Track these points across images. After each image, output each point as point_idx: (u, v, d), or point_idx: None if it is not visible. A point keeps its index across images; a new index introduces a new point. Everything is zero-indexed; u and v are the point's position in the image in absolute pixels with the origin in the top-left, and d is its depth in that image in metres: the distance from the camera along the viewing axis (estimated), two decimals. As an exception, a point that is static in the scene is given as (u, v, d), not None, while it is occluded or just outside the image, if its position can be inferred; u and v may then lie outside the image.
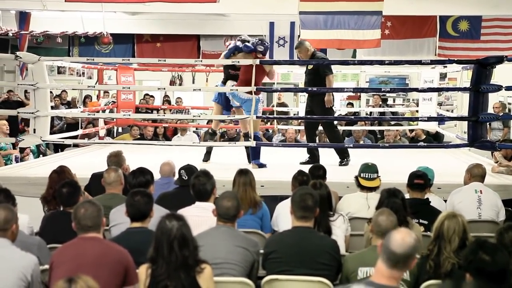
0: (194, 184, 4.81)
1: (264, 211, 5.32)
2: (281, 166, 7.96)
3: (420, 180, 5.45)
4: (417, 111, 12.09)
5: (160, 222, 3.52)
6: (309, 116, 8.25)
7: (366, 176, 5.65)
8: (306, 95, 9.62)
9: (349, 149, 8.31)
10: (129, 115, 8.89)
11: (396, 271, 3.09)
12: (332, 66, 8.26)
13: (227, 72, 8.37)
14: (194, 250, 3.47)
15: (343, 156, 8.24)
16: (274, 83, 12.66)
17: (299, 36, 10.01)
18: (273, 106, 12.71)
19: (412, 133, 11.79)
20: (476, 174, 6.02)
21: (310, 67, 8.25)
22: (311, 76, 8.25)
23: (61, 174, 5.60)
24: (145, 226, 4.17)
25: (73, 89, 14.40)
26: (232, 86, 8.05)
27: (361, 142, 11.08)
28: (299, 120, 11.47)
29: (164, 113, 12.11)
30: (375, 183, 5.62)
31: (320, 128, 9.64)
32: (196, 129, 12.48)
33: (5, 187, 4.86)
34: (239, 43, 8.05)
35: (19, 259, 3.65)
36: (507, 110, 13.61)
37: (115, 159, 6.34)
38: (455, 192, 5.95)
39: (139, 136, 11.01)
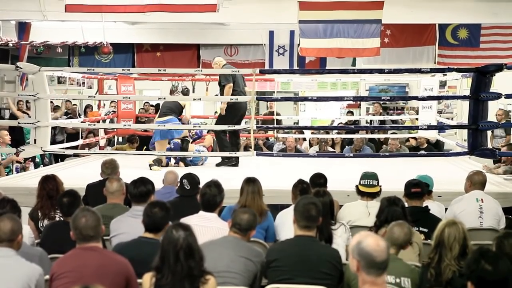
0: (204, 194, 4.80)
1: (270, 222, 5.32)
2: (281, 174, 7.96)
3: (417, 188, 5.46)
4: (417, 119, 12.10)
5: (167, 232, 3.52)
6: (305, 125, 8.24)
7: (366, 183, 5.68)
8: (306, 104, 9.60)
9: (350, 158, 8.32)
10: (130, 125, 8.89)
11: (381, 277, 3.09)
12: (332, 75, 8.33)
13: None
14: (200, 261, 3.46)
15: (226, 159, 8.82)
16: (274, 92, 12.73)
17: (298, 44, 10.03)
18: (272, 113, 12.70)
19: (412, 140, 11.80)
20: (476, 181, 6.00)
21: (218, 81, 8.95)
22: (220, 87, 8.90)
23: (51, 181, 5.60)
24: (157, 239, 4.14)
25: (73, 99, 14.40)
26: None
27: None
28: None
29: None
30: (374, 189, 5.64)
31: (319, 136, 9.59)
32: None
33: (12, 197, 4.84)
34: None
35: (24, 269, 3.66)
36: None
37: (111, 166, 6.33)
38: (456, 201, 5.93)
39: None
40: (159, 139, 8.96)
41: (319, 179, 5.80)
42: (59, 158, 11.26)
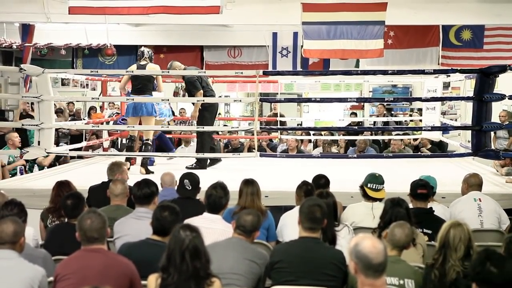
0: (210, 195, 4.80)
1: (270, 221, 5.32)
2: (284, 176, 7.96)
3: (424, 189, 5.44)
4: (420, 120, 12.08)
5: (174, 232, 3.52)
6: (309, 127, 8.25)
7: (373, 187, 5.62)
8: (309, 105, 9.44)
9: (353, 160, 8.31)
10: (133, 126, 8.87)
11: (380, 279, 3.09)
12: (335, 76, 8.32)
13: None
14: (206, 263, 3.47)
15: (199, 162, 8.73)
16: (277, 93, 12.73)
17: (302, 46, 10.03)
18: (275, 115, 12.69)
19: (416, 141, 11.80)
20: (473, 183, 6.04)
21: (184, 86, 9.24)
22: (186, 92, 9.16)
23: (66, 187, 5.60)
24: (165, 242, 4.11)
25: (77, 101, 14.41)
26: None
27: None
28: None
29: (168, 124, 12.12)
30: (381, 194, 5.60)
31: (320, 137, 9.55)
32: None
33: (19, 201, 4.84)
34: None
35: (27, 271, 3.67)
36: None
37: (117, 168, 6.31)
38: (455, 202, 5.96)
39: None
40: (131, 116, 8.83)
41: (320, 180, 5.79)
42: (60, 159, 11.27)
